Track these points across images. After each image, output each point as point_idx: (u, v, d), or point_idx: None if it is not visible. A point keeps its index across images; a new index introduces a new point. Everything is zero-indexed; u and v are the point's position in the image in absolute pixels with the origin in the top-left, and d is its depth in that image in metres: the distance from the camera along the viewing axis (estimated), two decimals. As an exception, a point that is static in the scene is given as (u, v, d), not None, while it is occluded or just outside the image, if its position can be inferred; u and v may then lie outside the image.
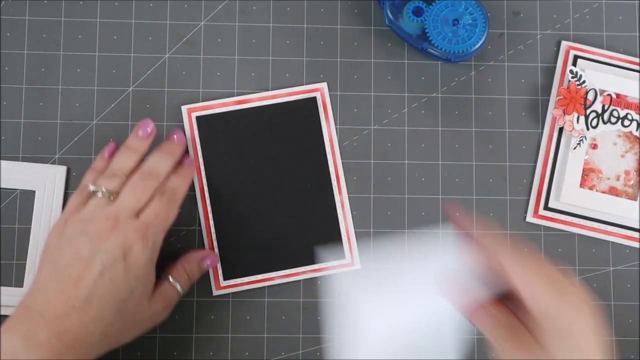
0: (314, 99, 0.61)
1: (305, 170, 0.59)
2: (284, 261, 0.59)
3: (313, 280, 0.60)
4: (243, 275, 0.59)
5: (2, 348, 0.47)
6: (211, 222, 0.59)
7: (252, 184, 0.59)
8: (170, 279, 0.55)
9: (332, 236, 0.59)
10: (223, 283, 0.59)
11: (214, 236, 0.59)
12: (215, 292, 0.59)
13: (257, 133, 0.60)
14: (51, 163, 0.60)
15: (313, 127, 0.60)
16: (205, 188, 0.59)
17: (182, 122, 0.60)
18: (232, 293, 0.59)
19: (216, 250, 0.59)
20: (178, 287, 0.55)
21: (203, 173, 0.59)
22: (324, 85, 0.61)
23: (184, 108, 0.60)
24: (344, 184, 0.60)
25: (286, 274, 0.59)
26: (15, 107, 0.60)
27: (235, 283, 0.59)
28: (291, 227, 0.59)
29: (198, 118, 0.60)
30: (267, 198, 0.59)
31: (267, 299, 0.60)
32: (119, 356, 0.58)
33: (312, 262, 0.59)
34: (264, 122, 0.60)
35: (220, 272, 0.59)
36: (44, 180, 0.59)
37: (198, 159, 0.60)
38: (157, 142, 0.61)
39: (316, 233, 0.59)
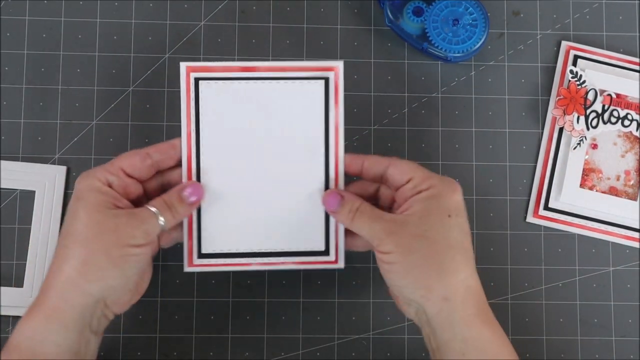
0: (327, 80, 0.55)
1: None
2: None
3: (313, 280, 0.60)
4: (220, 257, 0.55)
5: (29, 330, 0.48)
6: None
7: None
8: (147, 206, 0.51)
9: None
10: (196, 261, 0.55)
11: (194, 210, 0.54)
12: (187, 269, 0.54)
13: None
14: (51, 163, 0.60)
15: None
16: (194, 156, 0.55)
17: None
18: (233, 295, 0.59)
19: (194, 224, 0.55)
20: (154, 209, 0.51)
21: (193, 139, 0.54)
22: (339, 64, 0.55)
23: (183, 65, 0.54)
24: (342, 176, 0.56)
25: (265, 262, 0.55)
26: (15, 107, 0.60)
27: (209, 263, 0.55)
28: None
29: (197, 79, 0.55)
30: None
31: (267, 299, 0.60)
32: (119, 356, 0.58)
33: (294, 254, 0.55)
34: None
35: (195, 248, 0.54)
36: (44, 180, 0.59)
37: (190, 124, 0.55)
38: (154, 137, 0.61)
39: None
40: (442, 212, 0.50)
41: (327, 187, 0.55)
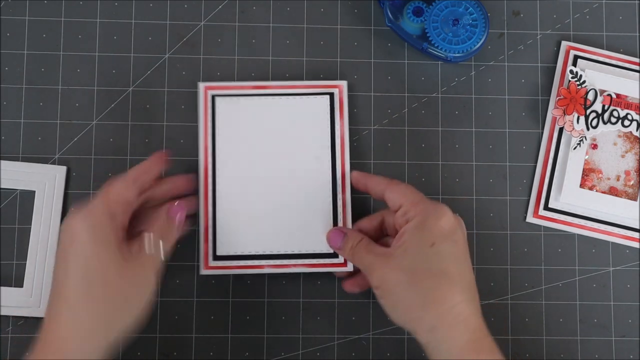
0: (332, 94, 0.60)
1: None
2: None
3: (313, 280, 0.60)
4: (234, 259, 0.58)
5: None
6: (209, 201, 0.58)
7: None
8: (145, 246, 0.51)
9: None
10: (212, 263, 0.58)
11: (210, 215, 0.58)
12: (203, 272, 0.58)
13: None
14: (51, 163, 0.60)
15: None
16: (210, 167, 0.59)
17: (183, 122, 0.60)
18: (233, 295, 0.59)
19: (210, 228, 0.58)
20: (145, 234, 0.51)
21: (210, 151, 0.59)
22: (343, 83, 0.60)
23: (201, 85, 0.60)
24: (349, 183, 0.59)
25: (277, 264, 0.58)
26: (15, 107, 0.60)
27: (224, 265, 0.58)
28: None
29: (214, 96, 0.60)
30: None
31: (267, 299, 0.60)
32: (119, 356, 0.58)
33: (304, 257, 0.59)
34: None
35: (210, 251, 0.58)
36: (44, 180, 0.59)
37: (207, 137, 0.59)
38: (154, 137, 0.61)
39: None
40: (424, 242, 0.50)
41: (334, 193, 0.59)
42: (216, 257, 0.58)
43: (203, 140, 0.59)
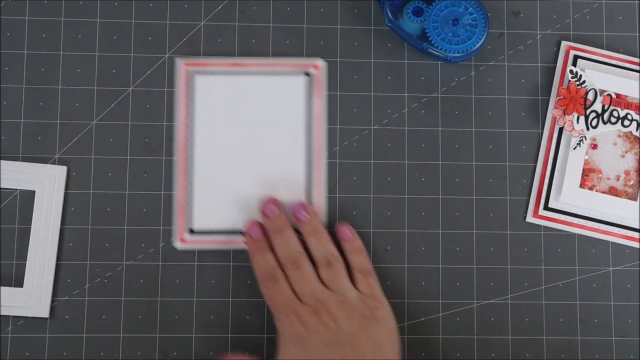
0: (309, 73, 0.61)
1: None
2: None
3: (313, 280, 0.60)
4: (209, 234, 0.60)
5: None
6: (187, 177, 0.60)
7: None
8: None
9: None
10: (187, 237, 0.59)
11: (186, 191, 0.60)
12: (179, 246, 0.59)
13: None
14: (51, 163, 0.60)
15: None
16: (188, 142, 0.60)
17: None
18: (233, 295, 0.59)
19: (187, 204, 0.60)
20: None
21: (187, 127, 0.60)
22: (320, 61, 0.61)
23: (180, 61, 0.61)
24: (324, 163, 0.61)
25: None
26: (15, 107, 0.60)
27: (200, 239, 0.59)
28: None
29: (192, 73, 0.61)
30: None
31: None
32: (119, 356, 0.58)
33: None
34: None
35: (185, 225, 0.59)
36: (44, 180, 0.59)
37: (186, 113, 0.60)
38: (154, 137, 0.61)
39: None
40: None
41: (308, 172, 0.61)
42: (192, 232, 0.59)
43: (182, 117, 0.60)
